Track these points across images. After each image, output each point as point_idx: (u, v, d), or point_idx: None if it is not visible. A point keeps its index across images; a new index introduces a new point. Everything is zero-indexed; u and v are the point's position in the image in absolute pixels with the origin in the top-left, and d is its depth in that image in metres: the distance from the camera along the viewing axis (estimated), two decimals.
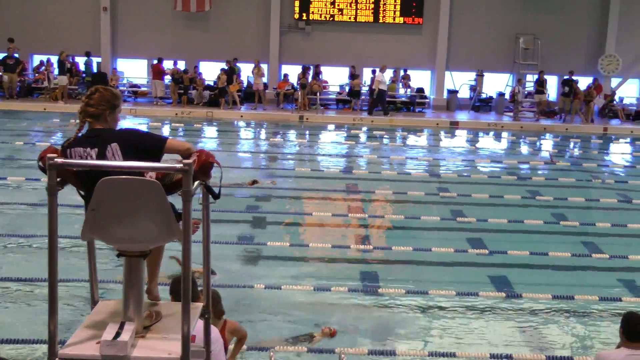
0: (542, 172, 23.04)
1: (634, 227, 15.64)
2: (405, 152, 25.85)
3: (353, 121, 31.28)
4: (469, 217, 16.22)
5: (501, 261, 13.63)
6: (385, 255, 13.95)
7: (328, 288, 11.82)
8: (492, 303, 11.80)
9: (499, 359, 9.73)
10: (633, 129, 31.64)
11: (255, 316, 11.04)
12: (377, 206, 17.75)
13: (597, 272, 13.61)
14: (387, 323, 11.09)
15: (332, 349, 9.67)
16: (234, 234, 14.59)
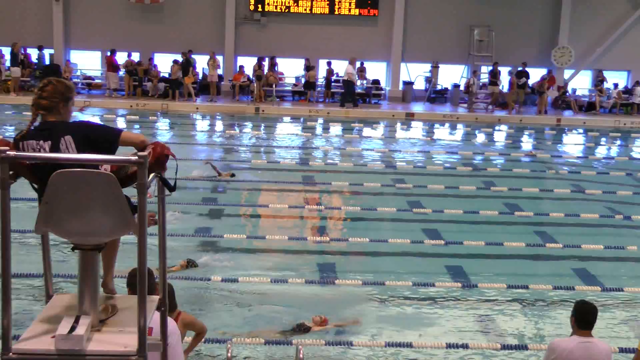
0: (496, 163, 23.25)
1: (586, 216, 15.88)
2: (361, 143, 25.93)
3: (309, 113, 31.27)
4: (425, 208, 16.32)
5: (457, 251, 13.74)
6: (342, 246, 13.97)
7: (285, 280, 11.82)
8: (448, 293, 11.89)
9: (455, 348, 9.82)
10: (585, 120, 32.08)
11: (213, 309, 11.00)
12: (334, 198, 17.78)
13: (551, 262, 13.80)
14: (344, 314, 11.12)
15: (290, 341, 9.68)
16: (191, 227, 14.51)
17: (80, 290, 4.47)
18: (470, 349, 9.83)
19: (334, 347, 9.82)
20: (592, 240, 14.49)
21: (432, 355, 9.76)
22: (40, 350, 4.22)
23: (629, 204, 17.44)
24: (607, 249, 14.07)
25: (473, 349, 9.84)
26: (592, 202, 17.68)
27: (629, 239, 14.93)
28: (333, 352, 9.73)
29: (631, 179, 20.46)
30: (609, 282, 12.49)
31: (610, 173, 21.15)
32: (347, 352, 9.76)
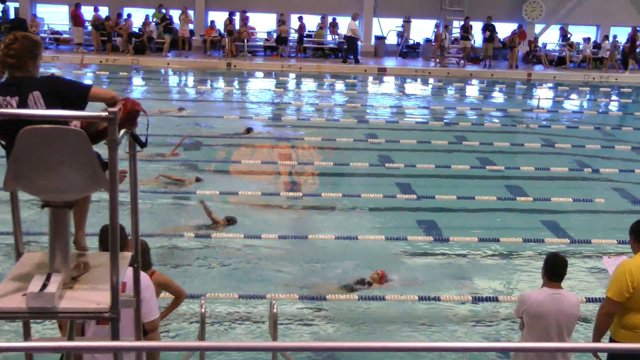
0: (468, 117, 23.30)
1: (556, 170, 16.01)
2: (334, 99, 25.86)
3: (281, 68, 31.06)
4: (397, 163, 16.38)
5: (429, 205, 13.83)
6: (315, 202, 14.00)
7: (258, 236, 11.84)
8: (420, 247, 11.99)
9: (427, 300, 9.94)
10: (556, 75, 32.19)
11: (187, 265, 11.02)
12: (306, 153, 17.75)
13: (521, 215, 13.93)
14: (316, 268, 11.19)
15: (264, 295, 9.73)
16: (162, 184, 14.47)
17: (51, 247, 4.44)
18: (441, 302, 9.95)
19: (308, 302, 9.89)
20: (562, 193, 14.64)
21: (405, 309, 9.87)
22: (12, 309, 4.19)
23: (598, 157, 17.61)
24: (576, 202, 14.25)
25: (445, 301, 9.96)
26: (562, 155, 17.81)
27: (597, 191, 15.11)
28: (305, 307, 9.82)
29: (600, 132, 20.63)
30: (578, 234, 12.66)
31: (580, 127, 21.28)
32: (320, 309, 9.83)
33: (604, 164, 16.96)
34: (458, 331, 9.43)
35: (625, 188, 15.48)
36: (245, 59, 31.84)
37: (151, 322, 6.07)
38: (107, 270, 4.25)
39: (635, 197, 14.92)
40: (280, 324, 8.04)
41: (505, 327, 9.50)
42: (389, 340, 8.97)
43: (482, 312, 9.92)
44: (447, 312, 9.88)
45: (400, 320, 9.64)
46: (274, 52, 33.49)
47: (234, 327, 9.28)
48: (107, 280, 4.25)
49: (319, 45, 34.07)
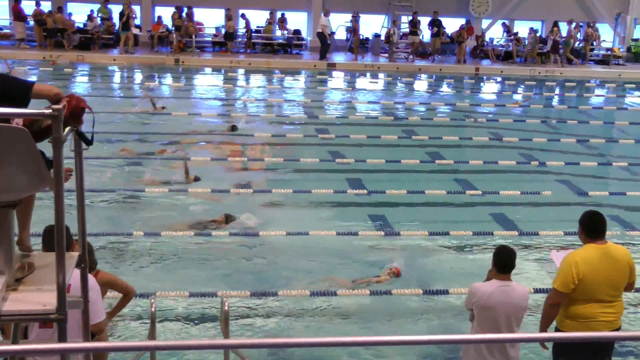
0: (417, 112, 23.45)
1: (504, 163, 16.20)
2: (284, 94, 25.81)
3: (230, 64, 30.90)
4: (347, 158, 16.40)
5: (380, 200, 13.87)
6: (266, 197, 13.95)
7: (209, 233, 11.77)
8: (371, 241, 12.02)
9: (378, 295, 9.97)
10: (503, 69, 32.53)
11: (138, 263, 10.92)
12: (257, 149, 17.67)
13: (471, 208, 14.05)
14: (268, 265, 11.15)
15: (215, 293, 9.68)
16: (109, 181, 14.30)
17: None
18: (393, 295, 9.99)
19: (260, 299, 9.86)
20: (510, 186, 14.81)
21: (357, 303, 9.89)
22: None
23: (544, 150, 17.85)
24: (523, 195, 14.42)
25: (395, 295, 10.00)
26: (510, 149, 18.02)
27: (544, 184, 15.33)
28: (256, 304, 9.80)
29: (546, 126, 20.92)
30: (526, 227, 12.81)
31: (527, 121, 21.56)
32: (270, 304, 9.81)
33: (551, 156, 17.20)
34: (409, 324, 9.48)
35: (571, 180, 15.71)
36: (194, 54, 31.59)
37: (98, 324, 5.96)
38: (53, 271, 4.16)
39: (580, 189, 15.16)
40: (232, 321, 7.99)
41: (456, 319, 9.57)
42: (340, 335, 8.98)
43: (433, 304, 9.98)
44: (398, 305, 9.92)
45: (353, 314, 9.66)
46: (223, 47, 33.31)
47: (185, 325, 9.21)
48: (53, 281, 4.17)
49: (268, 41, 33.96)
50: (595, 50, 35.50)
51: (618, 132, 21.25)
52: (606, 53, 35.39)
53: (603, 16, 36.12)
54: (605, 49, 35.78)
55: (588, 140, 19.22)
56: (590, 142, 19.08)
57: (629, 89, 29.50)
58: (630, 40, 36.15)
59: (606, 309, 6.75)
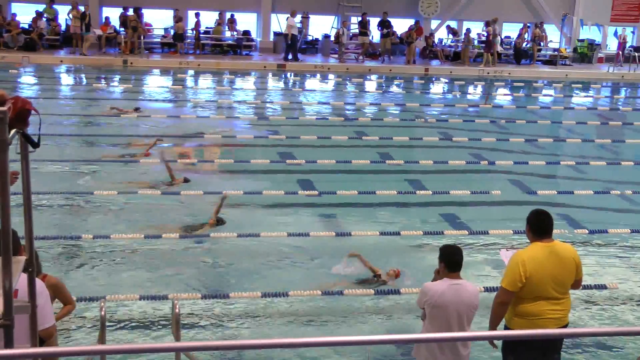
0: (367, 112, 23.55)
1: (454, 163, 16.35)
2: (234, 95, 25.70)
3: (179, 65, 30.69)
4: (298, 159, 16.40)
5: (330, 201, 13.89)
6: (216, 199, 13.86)
7: (159, 236, 11.68)
8: (322, 242, 12.03)
9: (330, 295, 9.98)
10: (452, 69, 32.82)
11: (87, 265, 10.79)
12: (207, 150, 17.58)
13: (421, 208, 14.14)
14: (220, 268, 11.11)
15: (166, 295, 9.61)
16: (57, 184, 14.11)
17: None
18: (344, 295, 10.01)
19: (212, 301, 9.81)
20: (460, 186, 14.96)
21: (309, 302, 9.89)
22: None
23: (493, 150, 18.05)
24: (473, 194, 14.57)
25: (347, 295, 10.03)
26: (459, 149, 18.20)
27: (494, 183, 15.50)
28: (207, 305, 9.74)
29: (495, 126, 21.15)
30: (476, 226, 12.94)
31: (476, 121, 21.79)
32: (222, 306, 9.77)
33: (500, 156, 17.40)
34: (361, 324, 9.51)
35: (520, 179, 15.91)
36: (142, 56, 31.31)
37: (46, 329, 5.87)
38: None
39: (529, 188, 15.36)
40: (184, 323, 7.95)
41: (408, 318, 9.63)
42: (292, 336, 8.98)
43: (385, 304, 10.03)
44: (350, 306, 9.95)
45: (304, 315, 9.66)
46: (172, 49, 33.06)
47: (136, 328, 9.13)
48: None
49: (218, 42, 33.81)
50: (543, 50, 36.00)
51: (565, 132, 21.60)
52: (553, 53, 35.91)
53: (550, 17, 36.65)
54: (552, 50, 36.31)
55: (536, 140, 19.50)
56: (539, 142, 19.36)
57: (575, 89, 29.99)
58: (577, 41, 36.75)
59: (554, 306, 6.85)
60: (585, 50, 36.44)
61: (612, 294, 10.61)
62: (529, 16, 36.40)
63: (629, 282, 11.08)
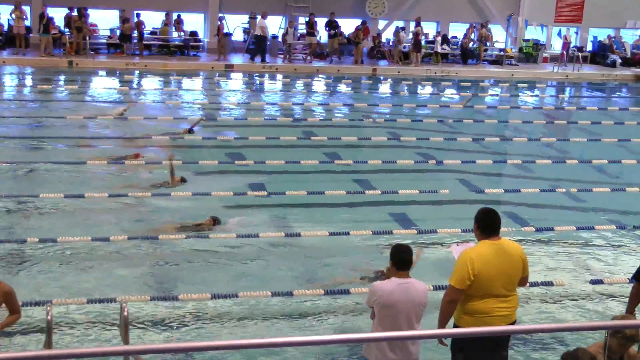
0: (316, 113, 23.56)
1: (403, 163, 16.43)
2: (181, 96, 25.52)
3: (126, 66, 30.36)
4: (246, 160, 16.34)
5: (280, 202, 13.86)
6: (164, 200, 13.77)
7: (107, 238, 11.53)
8: (272, 243, 12.00)
9: (280, 295, 9.96)
10: (400, 70, 33.00)
11: (35, 269, 10.62)
12: (153, 151, 17.39)
13: (370, 208, 14.19)
14: (168, 269, 11.03)
15: (114, 298, 9.50)
16: (4, 187, 13.88)
17: None
18: (294, 297, 10.00)
19: (160, 303, 9.73)
20: (409, 185, 15.02)
21: (258, 305, 9.86)
22: None
23: (441, 149, 18.19)
24: (422, 193, 14.65)
25: (297, 296, 10.01)
26: (407, 148, 18.30)
27: (442, 182, 15.61)
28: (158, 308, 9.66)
29: (442, 125, 21.31)
30: (424, 225, 13.02)
31: (424, 120, 21.93)
32: (171, 308, 9.69)
33: (448, 155, 17.53)
34: (311, 324, 9.50)
35: (467, 178, 16.06)
36: (88, 57, 30.90)
37: None
38: None
39: (477, 186, 15.52)
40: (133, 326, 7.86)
41: (357, 317, 9.65)
42: (242, 337, 8.94)
43: (334, 304, 10.03)
44: (300, 306, 9.94)
45: (254, 316, 9.63)
46: (118, 49, 32.69)
47: (83, 332, 9.00)
48: None
49: (165, 43, 33.53)
50: (489, 50, 36.40)
51: (512, 131, 21.85)
52: (499, 53, 36.33)
53: (496, 17, 37.07)
54: (498, 50, 36.74)
55: (483, 139, 19.71)
56: (486, 141, 19.57)
57: (521, 88, 30.36)
58: (522, 41, 37.24)
59: (502, 303, 6.92)
60: (531, 50, 36.97)
61: (558, 291, 10.76)
62: (475, 16, 36.78)
63: (576, 278, 11.25)
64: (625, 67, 36.08)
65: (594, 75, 34.73)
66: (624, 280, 10.63)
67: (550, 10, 37.49)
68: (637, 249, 12.37)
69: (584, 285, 11.00)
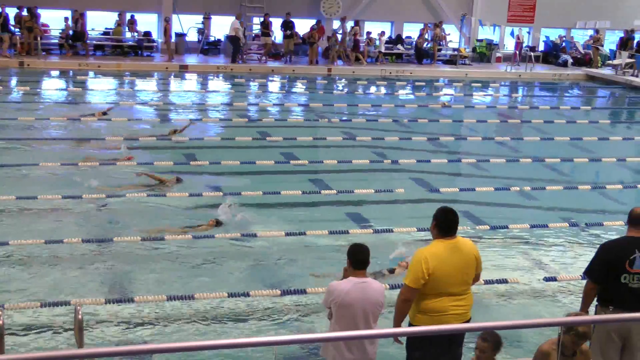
0: (271, 113, 23.52)
1: (358, 162, 16.48)
2: (136, 97, 25.28)
3: (79, 66, 29.96)
4: (202, 161, 16.26)
5: (236, 202, 13.80)
6: (118, 202, 13.64)
7: (60, 240, 11.40)
8: (228, 243, 11.95)
9: (236, 297, 9.93)
10: (354, 69, 33.06)
11: None
12: (109, 153, 17.18)
13: (326, 208, 14.21)
14: (122, 271, 10.93)
15: (68, 301, 9.39)
16: None
17: None
18: (250, 297, 9.97)
19: (115, 305, 9.63)
20: (364, 184, 15.10)
21: (213, 306, 9.82)
22: None
23: (396, 149, 18.28)
24: (377, 193, 14.73)
25: (254, 297, 9.99)
26: (363, 148, 18.36)
27: (397, 182, 15.69)
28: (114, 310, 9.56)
29: (397, 125, 21.42)
30: (380, 224, 13.07)
31: (379, 120, 22.02)
32: (126, 307, 9.60)
33: (403, 155, 17.63)
34: (268, 325, 9.49)
35: (422, 177, 16.15)
36: (39, 57, 30.47)
37: None
38: None
39: (432, 185, 15.62)
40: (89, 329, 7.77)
41: (315, 317, 9.65)
42: (199, 338, 8.89)
43: (291, 304, 10.02)
44: (256, 306, 9.91)
45: (208, 317, 9.58)
46: (71, 50, 32.23)
47: (36, 337, 8.88)
48: None
49: (118, 43, 33.19)
50: (443, 50, 36.65)
51: (466, 130, 22.03)
52: (453, 53, 36.61)
53: (449, 17, 37.34)
54: (452, 50, 37.01)
55: (438, 138, 19.86)
56: (441, 140, 19.72)
57: (475, 88, 30.63)
58: (475, 41, 37.56)
59: (456, 302, 6.96)
60: (484, 50, 37.31)
61: (513, 288, 10.87)
62: (429, 16, 37.01)
63: (530, 276, 11.38)
64: (576, 67, 36.59)
65: (546, 75, 35.17)
66: (577, 278, 10.78)
67: (503, 11, 37.86)
68: (589, 246, 12.54)
69: (538, 282, 11.12)
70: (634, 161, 18.69)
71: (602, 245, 7.56)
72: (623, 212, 13.40)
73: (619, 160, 18.21)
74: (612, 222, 13.58)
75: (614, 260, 7.22)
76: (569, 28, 39.21)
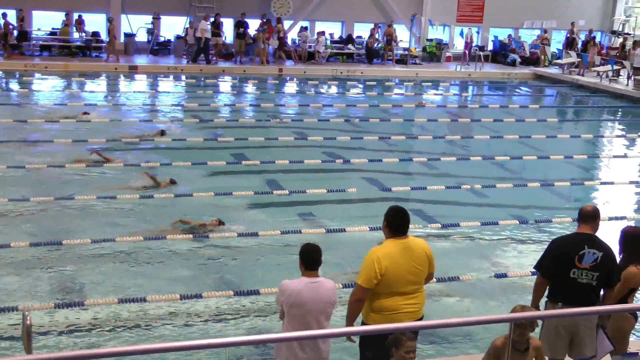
0: (222, 114, 23.42)
1: (310, 162, 16.49)
2: (84, 98, 24.93)
3: (25, 67, 29.28)
4: (152, 162, 16.13)
5: (187, 203, 13.73)
6: (68, 204, 13.46)
7: (8, 244, 11.20)
8: (180, 245, 11.87)
9: (188, 298, 9.86)
10: (305, 69, 33.05)
11: None
12: (58, 155, 16.91)
13: (278, 208, 14.18)
14: (73, 274, 10.78)
15: (16, 307, 9.25)
16: None
17: None
18: (203, 298, 9.90)
19: (64, 310, 9.49)
20: (316, 184, 15.11)
21: (165, 308, 9.74)
22: None
23: (348, 148, 18.32)
24: (330, 192, 14.75)
25: (206, 298, 9.92)
26: (315, 148, 18.37)
27: (349, 181, 15.73)
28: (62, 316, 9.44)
29: (349, 125, 21.47)
30: (333, 224, 13.07)
31: (330, 120, 22.05)
32: (76, 314, 9.48)
33: (354, 154, 17.68)
34: (220, 326, 9.44)
35: (374, 177, 16.21)
36: None
37: None
38: None
39: (384, 184, 15.68)
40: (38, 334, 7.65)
41: (267, 318, 9.63)
42: (147, 342, 8.81)
43: (243, 305, 9.98)
44: (209, 307, 9.86)
45: (161, 320, 9.50)
46: (16, 50, 31.69)
47: None
48: None
49: (65, 44, 32.72)
50: (394, 50, 36.82)
51: (417, 129, 22.16)
52: (404, 53, 36.79)
53: (399, 17, 37.53)
54: (403, 49, 37.20)
55: (389, 137, 19.96)
56: (392, 139, 19.81)
57: (425, 87, 30.85)
58: (425, 40, 37.80)
59: (409, 300, 6.98)
60: (434, 50, 37.57)
61: (465, 286, 10.96)
62: (380, 17, 37.17)
63: (481, 273, 11.47)
64: (524, 66, 37.05)
65: (495, 74, 35.57)
66: (527, 274, 10.89)
67: (452, 11, 38.19)
68: (539, 243, 12.70)
69: (489, 279, 11.23)
70: (581, 158, 19.00)
71: (553, 241, 7.65)
72: (571, 209, 13.76)
73: (566, 158, 18.49)
74: (560, 218, 13.80)
75: (564, 255, 7.31)
76: (517, 28, 39.67)
